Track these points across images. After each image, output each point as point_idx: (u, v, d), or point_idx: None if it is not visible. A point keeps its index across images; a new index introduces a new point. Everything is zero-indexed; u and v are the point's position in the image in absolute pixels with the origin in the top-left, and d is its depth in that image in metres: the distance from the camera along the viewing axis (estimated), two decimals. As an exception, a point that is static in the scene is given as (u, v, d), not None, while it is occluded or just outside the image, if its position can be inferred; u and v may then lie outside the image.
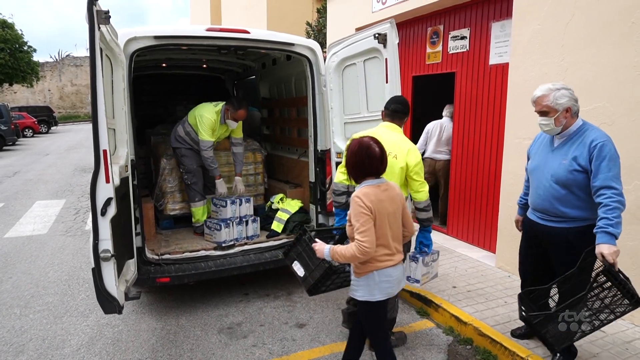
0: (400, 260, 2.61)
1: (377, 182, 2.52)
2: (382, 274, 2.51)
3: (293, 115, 5.63)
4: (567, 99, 2.71)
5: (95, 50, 2.73)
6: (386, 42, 3.73)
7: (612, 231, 2.51)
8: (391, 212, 2.52)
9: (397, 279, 2.60)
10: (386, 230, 2.50)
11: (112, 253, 2.88)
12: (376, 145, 2.52)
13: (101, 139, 2.80)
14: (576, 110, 2.77)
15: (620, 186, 2.57)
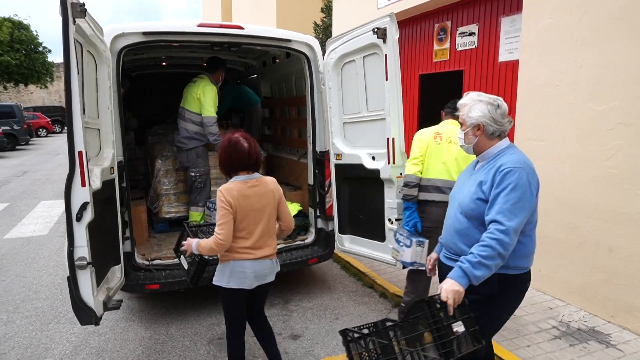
0: (266, 256, 2.68)
1: (245, 178, 2.61)
2: (237, 265, 2.62)
3: (293, 115, 5.44)
4: (480, 115, 2.16)
5: (70, 45, 2.56)
6: (386, 36, 3.51)
7: (466, 268, 1.99)
8: (258, 208, 2.61)
9: (254, 273, 2.65)
10: (250, 225, 2.60)
11: (89, 261, 2.71)
12: (245, 141, 2.61)
13: (76, 139, 2.62)
14: (493, 130, 2.17)
15: (514, 223, 1.97)
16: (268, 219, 2.68)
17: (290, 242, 4.55)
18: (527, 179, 2.04)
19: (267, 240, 2.69)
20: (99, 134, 3.40)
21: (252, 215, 2.60)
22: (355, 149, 4.09)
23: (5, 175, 12.60)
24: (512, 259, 2.08)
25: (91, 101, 3.22)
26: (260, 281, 2.71)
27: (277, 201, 2.73)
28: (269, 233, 2.71)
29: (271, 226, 2.72)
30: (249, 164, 2.62)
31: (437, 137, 3.48)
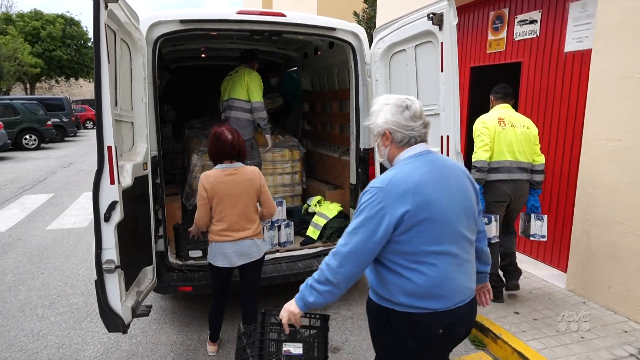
0: (245, 237, 2.98)
1: (224, 167, 2.96)
2: (219, 247, 2.98)
3: (335, 110, 5.14)
4: (383, 121, 1.81)
5: (100, 33, 2.37)
6: (442, 23, 3.14)
7: (303, 289, 1.83)
8: (234, 194, 2.92)
9: (236, 252, 2.97)
10: (226, 209, 2.92)
11: (117, 264, 2.52)
12: (229, 134, 2.96)
13: (105, 133, 2.44)
14: (402, 137, 1.80)
15: (346, 249, 1.70)
16: (245, 205, 2.97)
17: (329, 245, 4.27)
18: (380, 203, 1.66)
19: (245, 224, 2.99)
20: (132, 128, 3.23)
21: (228, 200, 2.92)
22: (403, 147, 3.74)
23: (52, 166, 12.99)
24: (389, 292, 1.75)
25: (125, 93, 3.05)
26: (244, 259, 3.01)
27: (257, 189, 3.01)
28: (247, 218, 3.00)
29: (249, 212, 3.00)
30: (232, 154, 2.97)
31: (501, 122, 3.82)
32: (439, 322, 1.72)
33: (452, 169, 1.84)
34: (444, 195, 1.72)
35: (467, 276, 1.79)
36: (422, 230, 1.67)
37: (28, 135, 17.09)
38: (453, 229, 1.72)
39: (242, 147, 3.03)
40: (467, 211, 1.80)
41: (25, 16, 31.85)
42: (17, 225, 6.86)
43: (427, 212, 1.67)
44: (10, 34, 27.86)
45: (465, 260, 1.78)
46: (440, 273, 1.69)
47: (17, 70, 27.09)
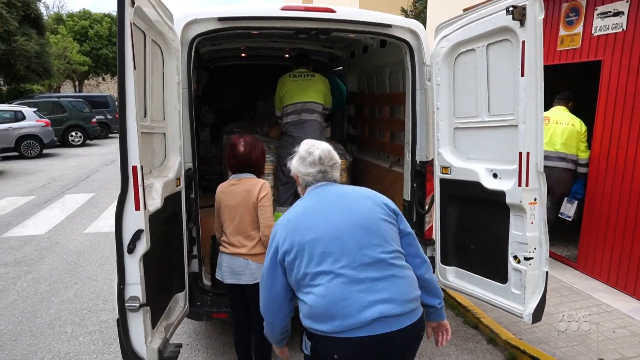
0: (239, 253, 2.71)
1: (233, 177, 2.85)
2: (220, 257, 2.83)
3: (386, 115, 4.65)
4: (293, 168, 2.07)
5: (125, 33, 2.02)
6: (525, 18, 2.62)
7: None
8: (230, 205, 2.75)
9: (228, 267, 2.75)
10: (225, 221, 2.79)
11: (142, 302, 2.19)
12: (243, 146, 2.82)
13: (130, 151, 2.10)
14: (304, 182, 2.04)
15: None
16: (240, 218, 2.73)
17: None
18: (273, 236, 1.92)
19: (241, 239, 2.74)
20: (164, 139, 2.89)
21: (227, 211, 2.78)
22: (469, 162, 3.24)
23: (95, 163, 13.16)
24: None
25: (156, 101, 2.71)
26: (235, 278, 2.75)
27: (254, 202, 2.71)
28: (243, 233, 2.74)
29: (245, 226, 2.74)
30: (239, 167, 2.83)
31: (546, 120, 4.42)
32: (332, 348, 1.72)
33: (341, 196, 1.95)
34: (323, 221, 1.83)
35: (375, 295, 1.72)
36: (303, 255, 1.79)
37: (74, 132, 17.53)
38: (339, 249, 1.76)
39: (253, 161, 2.84)
40: (368, 230, 1.82)
41: (74, 16, 33.00)
42: (57, 227, 6.80)
43: (301, 238, 1.80)
44: (60, 33, 28.87)
45: (371, 279, 1.74)
46: (326, 292, 1.71)
47: (67, 68, 28.05)
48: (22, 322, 3.93)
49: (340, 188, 2.02)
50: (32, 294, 4.50)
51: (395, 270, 1.80)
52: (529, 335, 3.57)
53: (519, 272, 2.87)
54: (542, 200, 2.80)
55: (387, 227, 1.87)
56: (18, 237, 6.34)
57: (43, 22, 21.59)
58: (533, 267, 2.83)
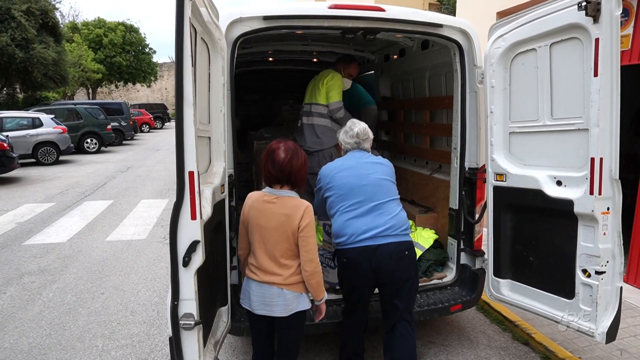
0: (272, 282, 2.33)
1: (269, 191, 2.42)
2: (245, 282, 2.48)
3: (425, 120, 4.47)
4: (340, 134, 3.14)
5: (185, 29, 1.87)
6: (599, 13, 2.44)
7: None
8: (265, 227, 2.35)
9: (258, 297, 2.37)
10: (255, 243, 2.39)
11: (197, 320, 2.01)
12: (284, 152, 2.40)
13: (187, 155, 1.94)
14: (345, 148, 3.07)
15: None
16: (275, 244, 2.34)
17: (425, 280, 3.62)
18: (319, 179, 2.94)
19: (273, 267, 2.35)
20: (209, 144, 2.74)
21: (258, 232, 2.37)
22: (527, 169, 3.04)
23: (111, 170, 13.10)
24: None
25: (202, 102, 2.56)
26: (266, 310, 2.37)
27: (294, 230, 2.31)
28: (276, 261, 2.35)
29: (278, 254, 2.34)
30: (280, 178, 2.39)
31: None
32: (343, 254, 2.75)
33: (365, 161, 2.91)
34: (350, 175, 2.81)
35: (370, 223, 2.70)
36: (333, 193, 2.81)
37: (89, 139, 17.54)
38: (356, 194, 2.76)
39: (294, 171, 2.38)
40: (377, 186, 2.80)
41: (89, 24, 33.28)
42: (78, 235, 6.68)
43: (335, 183, 2.82)
44: (75, 42, 29.12)
45: (372, 215, 2.72)
46: (344, 220, 2.74)
47: (81, 76, 28.22)
48: (50, 335, 3.78)
49: (366, 156, 2.95)
50: (58, 305, 4.35)
51: (387, 210, 2.75)
52: (588, 354, 3.35)
53: (589, 287, 2.66)
54: (616, 210, 2.59)
55: (389, 185, 2.86)
56: (40, 244, 6.22)
57: (60, 30, 21.77)
58: (605, 282, 2.62)
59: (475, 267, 3.53)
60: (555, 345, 3.49)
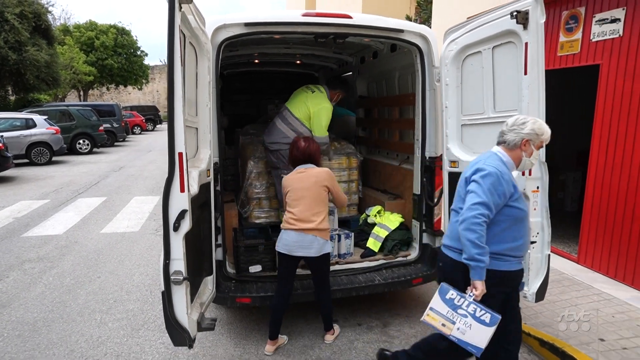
0: (309, 228, 3.23)
1: (300, 167, 3.45)
2: (284, 233, 3.32)
3: (395, 116, 4.91)
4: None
5: (175, 35, 2.28)
6: (527, 21, 2.89)
7: None
8: (301, 187, 3.32)
9: (296, 242, 3.25)
10: (295, 200, 3.31)
11: (185, 276, 2.42)
12: (303, 141, 3.50)
13: (177, 139, 2.35)
14: None
15: None
16: (310, 199, 3.28)
17: (391, 257, 4.05)
18: None
19: (310, 216, 3.26)
20: (196, 134, 3.15)
21: (297, 192, 3.31)
22: (475, 156, 3.48)
23: (104, 170, 13.41)
24: None
25: (190, 98, 2.97)
26: (303, 251, 3.25)
27: (324, 186, 3.34)
28: (312, 210, 3.28)
29: (313, 205, 3.29)
30: (303, 159, 3.46)
31: None
32: None
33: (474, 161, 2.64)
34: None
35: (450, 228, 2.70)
36: None
37: (82, 140, 17.81)
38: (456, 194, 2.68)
39: (312, 152, 3.46)
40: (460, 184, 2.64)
41: (81, 27, 33.45)
42: (74, 228, 7.02)
43: None
44: (67, 44, 29.31)
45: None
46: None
47: (73, 78, 28.41)
48: (53, 311, 4.15)
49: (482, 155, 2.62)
50: (58, 287, 4.71)
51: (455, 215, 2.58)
52: (533, 320, 3.79)
53: (524, 255, 3.10)
54: (544, 188, 3.04)
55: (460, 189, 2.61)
56: (38, 236, 6.56)
57: (53, 33, 22.00)
58: (536, 251, 3.06)
59: (436, 245, 3.96)
60: (506, 314, 3.93)
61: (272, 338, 3.41)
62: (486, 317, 2.33)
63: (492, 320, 2.32)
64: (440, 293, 2.47)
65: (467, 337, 2.36)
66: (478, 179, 2.36)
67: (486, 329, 2.32)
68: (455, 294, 2.41)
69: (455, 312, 2.40)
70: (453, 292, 2.42)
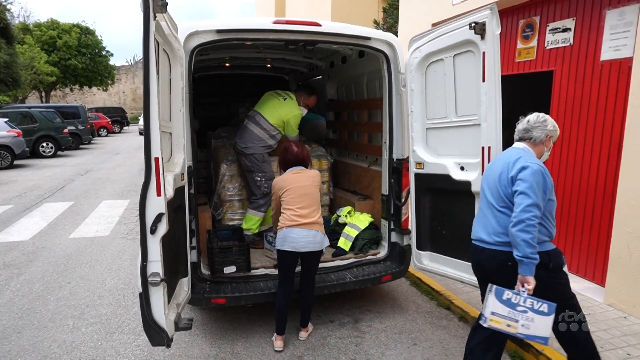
0: (313, 222, 3.43)
1: (293, 169, 3.60)
2: (288, 231, 3.40)
3: (364, 119, 5.09)
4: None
5: (150, 43, 2.35)
6: (485, 32, 3.11)
7: None
8: (303, 186, 3.49)
9: (303, 237, 3.39)
10: (293, 199, 3.46)
11: (162, 277, 2.49)
12: (296, 146, 3.64)
13: (153, 145, 2.42)
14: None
15: None
16: (312, 195, 3.49)
17: (361, 256, 4.21)
18: None
19: (312, 212, 3.46)
20: (170, 138, 3.21)
21: (297, 191, 3.46)
22: (439, 158, 3.69)
23: (70, 173, 13.08)
24: None
25: (164, 103, 3.03)
26: (311, 247, 3.41)
27: (318, 186, 3.59)
28: (312, 207, 3.48)
29: (314, 202, 3.50)
30: (297, 162, 3.60)
31: None
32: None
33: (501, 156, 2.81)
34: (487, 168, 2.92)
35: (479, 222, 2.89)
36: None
37: (45, 142, 17.27)
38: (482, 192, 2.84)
39: (305, 157, 3.64)
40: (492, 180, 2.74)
41: (42, 26, 32.34)
42: (40, 234, 6.88)
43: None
44: (27, 43, 28.29)
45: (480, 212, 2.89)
46: None
47: (34, 78, 27.44)
48: (22, 317, 4.10)
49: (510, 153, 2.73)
50: (27, 293, 4.64)
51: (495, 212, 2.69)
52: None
53: (484, 251, 3.31)
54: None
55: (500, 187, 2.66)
56: (2, 243, 6.40)
57: (12, 32, 21.22)
58: (496, 246, 3.27)
59: (404, 243, 4.15)
60: (470, 307, 4.15)
61: (281, 333, 3.56)
62: (544, 308, 2.45)
63: (549, 309, 2.45)
64: (496, 296, 2.52)
65: (532, 331, 2.48)
66: (527, 178, 2.47)
67: (547, 318, 2.45)
68: (510, 294, 2.48)
69: (514, 310, 2.48)
70: (508, 292, 2.49)
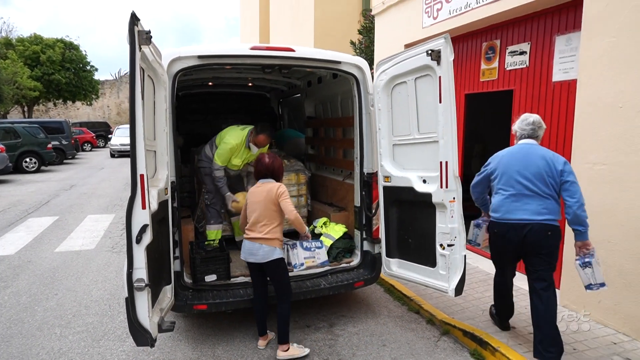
0: (255, 237, 3.59)
1: (260, 182, 3.74)
2: (244, 242, 3.69)
3: (339, 136, 5.42)
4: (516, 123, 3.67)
5: (136, 73, 2.64)
6: (440, 59, 3.45)
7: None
8: (255, 201, 3.66)
9: (247, 249, 3.64)
10: (249, 213, 3.69)
11: (147, 283, 2.74)
12: (268, 158, 3.76)
13: (139, 163, 2.69)
14: (520, 135, 3.61)
15: None
16: (260, 211, 3.61)
17: (335, 264, 4.49)
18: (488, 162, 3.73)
19: (258, 227, 3.61)
20: (154, 156, 3.47)
21: (251, 205, 3.68)
22: (405, 172, 4.02)
23: (55, 189, 13.15)
24: None
25: (149, 124, 3.30)
26: (252, 258, 3.61)
27: (273, 199, 3.58)
28: (261, 222, 3.60)
29: (262, 217, 3.60)
30: (266, 173, 3.73)
31: None
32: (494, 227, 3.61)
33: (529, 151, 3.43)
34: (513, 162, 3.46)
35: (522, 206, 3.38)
36: (497, 176, 3.53)
37: (28, 158, 17.27)
38: (512, 179, 3.42)
39: (276, 169, 3.73)
40: (536, 175, 3.34)
41: (25, 40, 32.28)
42: (26, 248, 7.01)
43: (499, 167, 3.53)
44: (10, 58, 28.23)
45: (523, 201, 3.38)
46: (500, 199, 3.49)
47: (16, 93, 27.34)
48: (10, 327, 4.26)
49: (535, 147, 3.45)
50: (14, 305, 4.80)
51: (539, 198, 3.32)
52: (460, 315, 4.33)
53: (444, 256, 3.62)
54: (459, 199, 3.58)
55: (547, 178, 3.31)
56: (-12, 257, 6.52)
57: (-5, 48, 21.22)
58: (454, 252, 3.59)
59: (375, 252, 4.44)
60: (437, 311, 4.45)
61: (262, 335, 3.84)
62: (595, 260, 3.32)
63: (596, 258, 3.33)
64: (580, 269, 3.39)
65: (599, 279, 3.33)
66: (572, 171, 3.30)
67: (601, 268, 3.33)
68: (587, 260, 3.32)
69: (593, 271, 3.33)
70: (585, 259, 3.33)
